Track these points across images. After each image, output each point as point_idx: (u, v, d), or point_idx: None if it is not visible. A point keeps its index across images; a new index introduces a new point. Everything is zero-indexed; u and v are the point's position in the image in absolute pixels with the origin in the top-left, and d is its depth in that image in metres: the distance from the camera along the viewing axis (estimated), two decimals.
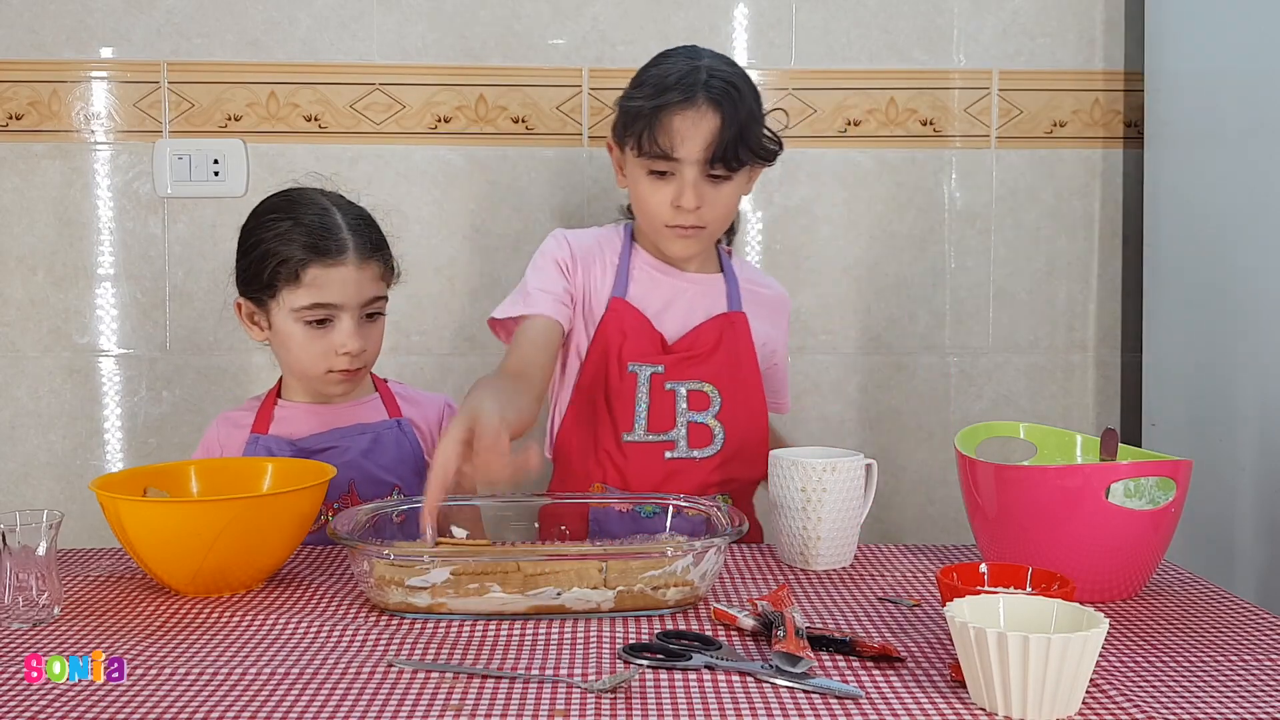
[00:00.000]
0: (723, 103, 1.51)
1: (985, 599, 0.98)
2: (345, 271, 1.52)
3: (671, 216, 1.56)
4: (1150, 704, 0.95)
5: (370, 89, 2.07)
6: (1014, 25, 2.13)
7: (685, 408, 1.59)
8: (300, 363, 1.55)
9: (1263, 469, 1.74)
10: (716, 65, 1.56)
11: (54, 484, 2.09)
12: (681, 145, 1.52)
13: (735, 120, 1.52)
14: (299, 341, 1.53)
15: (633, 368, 1.59)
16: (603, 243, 1.67)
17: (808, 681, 0.98)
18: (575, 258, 1.64)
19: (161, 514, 1.24)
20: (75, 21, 2.04)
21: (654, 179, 1.56)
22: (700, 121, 1.51)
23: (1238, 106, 1.81)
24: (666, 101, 1.52)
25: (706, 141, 1.52)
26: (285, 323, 1.53)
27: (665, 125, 1.52)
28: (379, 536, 1.29)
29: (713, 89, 1.52)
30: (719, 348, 1.61)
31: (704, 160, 1.53)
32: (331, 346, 1.52)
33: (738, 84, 1.54)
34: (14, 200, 2.06)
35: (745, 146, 1.54)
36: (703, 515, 1.32)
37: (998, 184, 2.16)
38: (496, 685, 0.99)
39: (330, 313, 1.52)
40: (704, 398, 1.59)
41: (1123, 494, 1.27)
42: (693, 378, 1.59)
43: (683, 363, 1.59)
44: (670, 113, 1.52)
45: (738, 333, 1.63)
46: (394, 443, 1.60)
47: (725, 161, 1.53)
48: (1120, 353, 2.20)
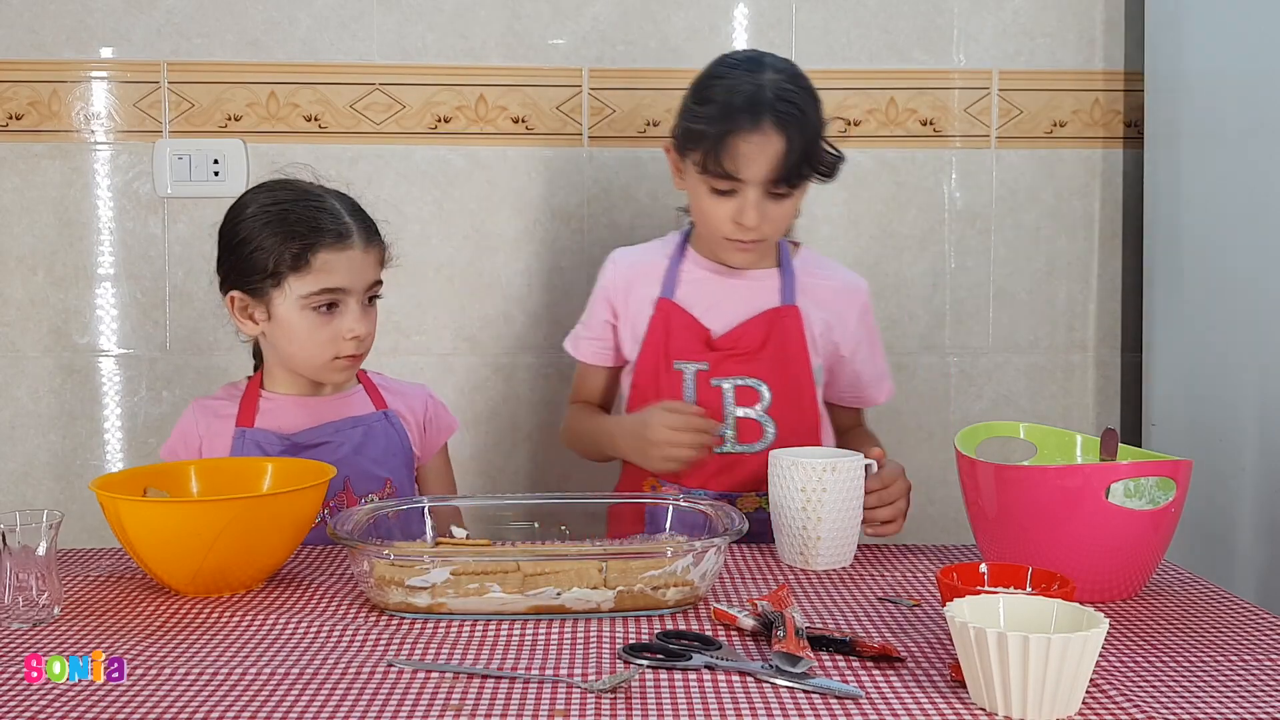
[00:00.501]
0: (788, 126, 1.50)
1: (985, 599, 0.98)
2: (353, 255, 1.52)
3: (732, 231, 1.57)
4: (1150, 704, 0.95)
5: (370, 89, 2.07)
6: (1014, 25, 2.13)
7: (732, 403, 1.60)
8: (305, 351, 1.53)
9: (1263, 469, 1.74)
10: (781, 83, 1.53)
11: (54, 484, 2.09)
12: (746, 169, 1.52)
13: (800, 142, 1.51)
14: (305, 330, 1.52)
15: (678, 365, 1.61)
16: (654, 254, 1.71)
17: (808, 682, 0.98)
18: (618, 283, 1.71)
19: (161, 514, 1.24)
20: (75, 21, 2.04)
21: (716, 195, 1.56)
22: (766, 146, 1.51)
23: (1238, 106, 1.81)
24: (732, 127, 1.51)
25: (771, 165, 1.51)
26: (290, 312, 1.51)
27: (730, 150, 1.51)
28: (379, 536, 1.29)
29: (779, 111, 1.50)
30: (767, 343, 1.61)
31: (768, 181, 1.53)
32: (338, 332, 1.52)
33: (802, 103, 1.53)
34: (14, 200, 2.06)
35: (809, 165, 1.54)
36: (703, 515, 1.32)
37: (998, 184, 2.16)
38: (496, 685, 0.99)
39: (337, 298, 1.52)
40: (752, 393, 1.60)
41: (1123, 494, 1.27)
42: (739, 373, 1.60)
43: (728, 359, 1.61)
44: (736, 138, 1.51)
45: (788, 327, 1.62)
46: (383, 435, 1.60)
47: (788, 181, 1.53)
48: (1120, 353, 2.20)
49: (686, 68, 2.08)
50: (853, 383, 1.73)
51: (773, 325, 1.62)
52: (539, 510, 1.44)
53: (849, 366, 1.71)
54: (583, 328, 1.75)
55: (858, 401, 1.76)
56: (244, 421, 1.56)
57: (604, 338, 1.72)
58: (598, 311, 1.73)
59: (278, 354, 1.58)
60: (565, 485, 2.15)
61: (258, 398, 1.58)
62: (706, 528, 1.29)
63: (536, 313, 2.13)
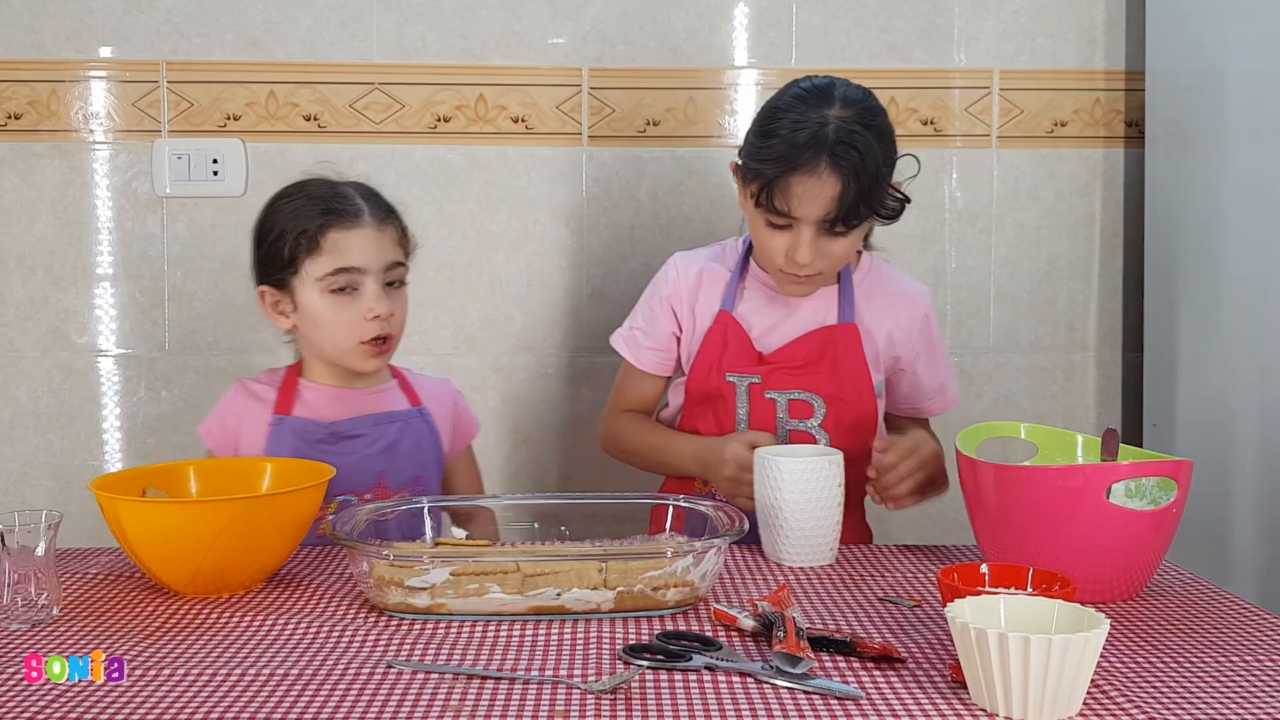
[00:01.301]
0: (845, 167, 1.46)
1: (986, 599, 0.98)
2: (364, 233, 1.52)
3: (785, 264, 1.54)
4: (1151, 705, 0.95)
5: (370, 88, 2.07)
6: (1014, 25, 2.13)
7: (786, 416, 1.58)
8: (330, 336, 1.54)
9: (1263, 469, 1.74)
10: (846, 120, 1.48)
11: (53, 484, 2.09)
12: (799, 209, 1.48)
13: (858, 184, 1.46)
14: (327, 315, 1.52)
15: (730, 378, 1.60)
16: (717, 262, 1.68)
17: (808, 682, 0.98)
18: (683, 293, 1.66)
19: (160, 514, 1.24)
20: (75, 21, 2.04)
21: (772, 229, 1.53)
22: (822, 188, 1.47)
23: (1239, 106, 1.81)
24: (787, 169, 1.47)
25: (826, 207, 1.48)
26: (311, 297, 1.52)
27: (785, 189, 1.48)
28: (379, 537, 1.29)
29: (837, 154, 1.45)
30: (822, 359, 1.59)
31: (822, 221, 1.49)
32: (359, 314, 1.52)
33: (864, 145, 1.47)
34: (13, 200, 2.06)
35: (868, 207, 1.50)
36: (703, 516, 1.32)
37: (998, 184, 2.16)
38: (496, 686, 0.99)
39: (354, 278, 1.52)
40: (806, 407, 1.58)
41: (1124, 494, 1.27)
42: (793, 387, 1.58)
43: (779, 373, 1.58)
44: (791, 178, 1.47)
45: (845, 344, 1.59)
46: (417, 432, 1.61)
47: (844, 221, 1.49)
48: (1121, 352, 2.19)
49: (686, 67, 2.09)
50: (910, 393, 1.69)
51: (828, 341, 1.59)
52: (539, 510, 1.44)
53: (908, 377, 1.68)
54: (643, 335, 1.70)
55: (915, 412, 1.71)
56: (282, 409, 1.56)
57: (668, 348, 1.69)
58: (661, 320, 1.68)
59: (310, 347, 1.59)
60: (565, 485, 2.15)
61: (296, 385, 1.59)
62: (707, 528, 1.29)
63: (536, 313, 2.12)
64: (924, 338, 1.67)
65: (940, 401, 1.71)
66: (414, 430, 1.60)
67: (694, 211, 2.12)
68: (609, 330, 1.75)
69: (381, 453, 1.55)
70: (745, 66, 2.11)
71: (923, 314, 1.67)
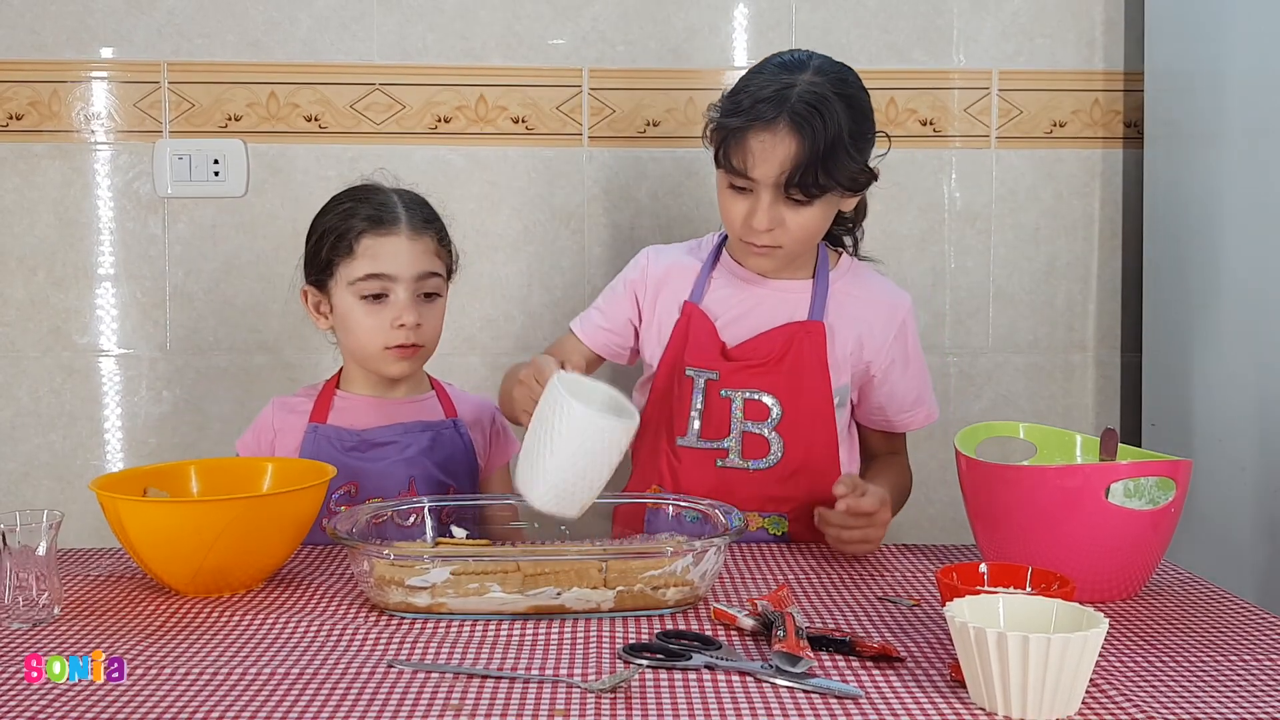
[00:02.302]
0: (804, 127, 1.42)
1: (985, 599, 0.98)
2: (398, 241, 1.54)
3: (745, 232, 1.51)
4: (1150, 704, 0.95)
5: (370, 89, 2.07)
6: (1014, 25, 2.13)
7: (741, 416, 1.53)
8: (359, 340, 1.56)
9: (1262, 469, 1.74)
10: (816, 85, 1.45)
11: (54, 484, 2.09)
12: (756, 167, 1.45)
13: (817, 146, 1.42)
14: (357, 318, 1.54)
15: (689, 372, 1.55)
16: (690, 255, 1.65)
17: (808, 681, 0.98)
18: (648, 282, 1.64)
19: (161, 514, 1.24)
20: (76, 21, 2.04)
21: (733, 192, 1.50)
22: (777, 146, 1.43)
23: (1238, 106, 1.81)
24: (747, 122, 1.44)
25: (782, 166, 1.44)
26: (344, 299, 1.55)
27: (741, 144, 1.45)
28: (379, 536, 1.29)
29: (797, 112, 1.42)
30: (784, 357, 1.53)
31: (779, 184, 1.45)
32: (388, 320, 1.53)
33: (826, 110, 1.43)
34: (14, 200, 2.06)
35: (827, 174, 1.44)
36: (702, 515, 1.32)
37: (997, 184, 2.16)
38: (496, 685, 0.99)
39: (386, 285, 1.53)
40: (762, 408, 1.53)
41: (1122, 494, 1.27)
42: (750, 386, 1.53)
43: (740, 370, 1.53)
44: (749, 133, 1.44)
45: (810, 343, 1.54)
46: (450, 443, 1.61)
47: (803, 188, 1.45)
48: (1120, 352, 2.19)
49: (686, 68, 2.10)
50: (882, 405, 1.63)
51: (793, 339, 1.54)
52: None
53: (881, 388, 1.61)
54: (599, 315, 1.66)
55: (886, 425, 1.65)
56: (317, 418, 1.58)
57: (622, 333, 1.65)
58: (622, 304, 1.65)
59: (344, 349, 1.62)
60: None
61: (332, 396, 1.61)
62: (706, 528, 1.29)
63: (536, 313, 2.13)
64: (899, 345, 1.60)
65: (914, 416, 1.65)
66: (446, 441, 1.61)
67: (694, 211, 2.12)
68: None
69: (412, 460, 1.56)
70: (745, 67, 2.09)
71: (899, 320, 1.61)
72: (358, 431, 1.57)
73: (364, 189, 1.61)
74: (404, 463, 1.55)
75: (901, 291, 1.66)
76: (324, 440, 1.56)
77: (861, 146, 1.49)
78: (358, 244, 1.53)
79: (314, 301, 1.60)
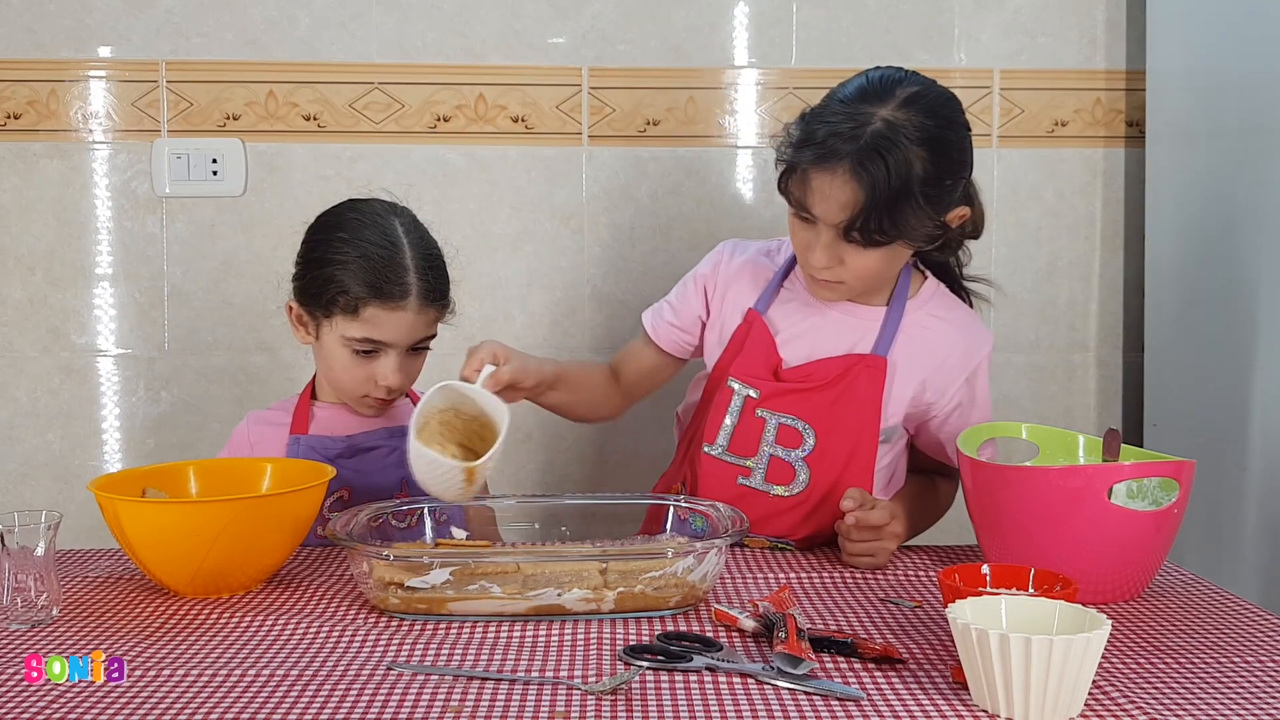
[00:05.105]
0: (865, 176, 1.31)
1: (987, 600, 0.98)
2: (403, 316, 1.48)
3: (805, 264, 1.44)
4: (1153, 706, 0.94)
5: (369, 88, 2.07)
6: (1015, 24, 2.13)
7: (771, 440, 1.46)
8: (338, 380, 1.54)
9: (1266, 469, 1.74)
10: (894, 119, 1.33)
11: (52, 484, 2.08)
12: (816, 205, 1.36)
13: (876, 197, 1.32)
14: (342, 364, 1.51)
15: (731, 383, 1.49)
16: (766, 257, 1.59)
17: (809, 683, 0.98)
18: (719, 278, 1.57)
19: (160, 515, 1.23)
20: (74, 21, 2.04)
21: (798, 220, 1.42)
22: (838, 188, 1.33)
23: (1239, 106, 1.81)
24: (808, 158, 1.35)
25: (842, 210, 1.34)
26: (333, 344, 1.51)
27: (802, 180, 1.37)
28: (379, 538, 1.29)
29: (864, 158, 1.31)
30: (833, 388, 1.45)
31: (839, 227, 1.36)
32: (373, 375, 1.51)
33: (896, 157, 1.31)
34: (12, 200, 2.06)
35: (893, 224, 1.34)
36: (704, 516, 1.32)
37: (999, 183, 2.15)
38: (496, 687, 0.98)
39: (379, 347, 1.50)
40: (796, 435, 1.45)
41: (1125, 495, 1.26)
42: (789, 412, 1.46)
43: (785, 394, 1.46)
44: (811, 170, 1.35)
45: (867, 378, 1.45)
46: None
47: (864, 234, 1.35)
48: (1122, 352, 2.19)
49: (687, 67, 2.09)
50: (941, 445, 1.53)
51: (849, 371, 1.45)
52: (539, 510, 1.44)
53: (940, 429, 1.52)
54: (669, 310, 1.61)
55: (941, 460, 1.56)
56: (298, 429, 1.56)
57: (690, 330, 1.60)
58: (692, 300, 1.59)
59: (321, 371, 1.59)
60: (565, 485, 2.14)
61: (310, 406, 1.59)
62: (708, 529, 1.29)
63: (536, 313, 2.12)
64: (968, 389, 1.50)
65: None
66: None
67: (694, 211, 2.11)
68: (609, 330, 1.75)
69: (401, 462, 1.54)
70: (745, 66, 2.10)
71: (974, 364, 1.50)
72: (343, 438, 1.55)
73: (373, 229, 1.50)
74: (394, 465, 1.52)
75: (985, 331, 1.56)
76: (309, 450, 1.53)
77: (938, 196, 1.37)
78: (363, 309, 1.47)
79: (298, 317, 1.55)
